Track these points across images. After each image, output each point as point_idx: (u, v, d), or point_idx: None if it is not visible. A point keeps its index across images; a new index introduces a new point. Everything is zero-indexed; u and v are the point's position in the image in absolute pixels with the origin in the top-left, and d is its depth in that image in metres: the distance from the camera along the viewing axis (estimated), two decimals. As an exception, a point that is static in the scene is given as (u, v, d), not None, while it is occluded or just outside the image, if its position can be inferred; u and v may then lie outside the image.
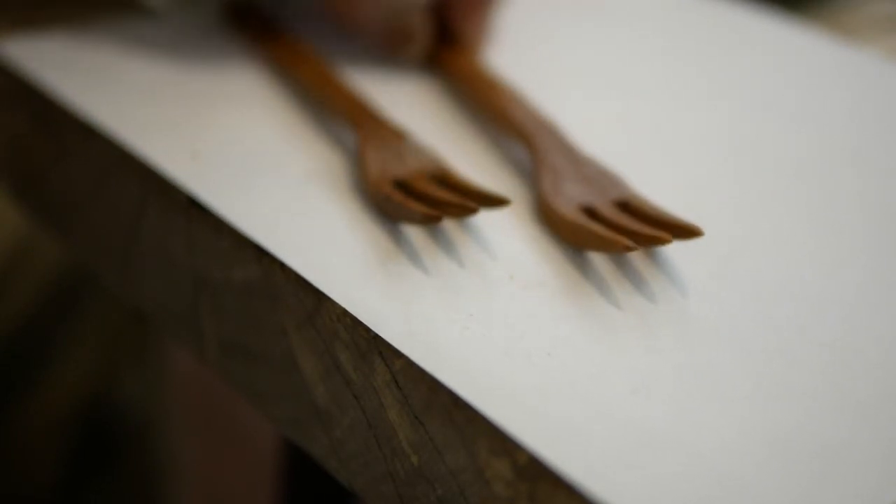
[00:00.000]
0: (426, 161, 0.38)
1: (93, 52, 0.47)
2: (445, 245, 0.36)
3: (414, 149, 0.39)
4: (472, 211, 0.34)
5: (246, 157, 0.41)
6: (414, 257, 0.35)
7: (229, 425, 0.72)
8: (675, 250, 0.36)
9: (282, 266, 0.35)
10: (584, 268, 0.35)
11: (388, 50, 0.48)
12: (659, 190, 0.39)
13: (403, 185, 0.37)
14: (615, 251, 0.34)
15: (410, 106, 0.45)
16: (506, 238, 0.37)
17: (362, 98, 0.43)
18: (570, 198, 0.37)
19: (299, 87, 0.46)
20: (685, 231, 0.35)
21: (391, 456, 0.32)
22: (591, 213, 0.37)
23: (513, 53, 0.49)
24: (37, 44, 0.48)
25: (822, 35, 0.54)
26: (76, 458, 0.84)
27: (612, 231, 0.35)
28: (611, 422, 0.29)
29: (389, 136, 0.40)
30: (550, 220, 0.37)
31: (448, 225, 0.37)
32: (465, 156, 0.42)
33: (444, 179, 0.37)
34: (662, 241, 0.35)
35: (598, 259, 0.36)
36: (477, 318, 0.33)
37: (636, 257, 0.36)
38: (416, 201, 0.35)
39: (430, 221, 0.34)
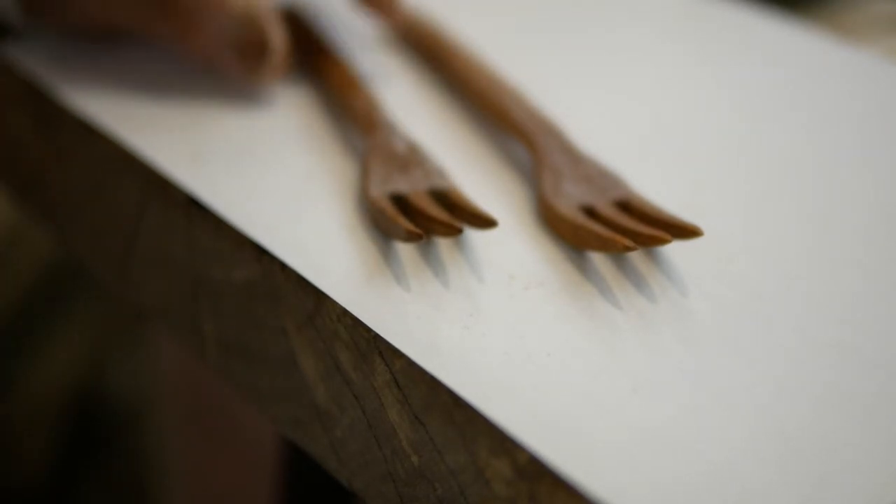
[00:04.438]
0: (430, 176, 0.38)
1: (93, 53, 0.47)
2: (446, 245, 0.36)
3: (420, 162, 0.39)
4: (457, 231, 0.35)
5: (247, 158, 0.41)
6: (414, 257, 0.35)
7: (221, 417, 0.73)
8: (675, 250, 0.36)
9: (282, 266, 0.35)
10: (584, 267, 0.35)
11: (242, 69, 0.43)
12: (659, 190, 0.39)
13: (401, 200, 0.37)
14: (615, 251, 0.34)
15: (412, 105, 0.45)
16: (506, 238, 0.37)
17: (380, 107, 0.43)
18: (570, 197, 0.37)
19: (323, 93, 0.45)
20: (685, 231, 0.35)
21: (391, 456, 0.32)
22: (591, 212, 0.37)
23: (513, 53, 0.49)
24: (37, 44, 0.48)
25: (822, 35, 0.54)
26: (66, 448, 0.84)
27: (612, 231, 0.35)
28: (611, 421, 0.29)
29: (399, 147, 0.40)
30: (551, 220, 0.37)
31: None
32: (466, 155, 0.42)
33: (444, 196, 0.37)
34: (662, 241, 0.35)
35: (598, 259, 0.36)
36: (477, 318, 0.33)
37: (636, 257, 0.36)
38: (405, 218, 0.35)
39: (412, 239, 0.34)
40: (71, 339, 0.84)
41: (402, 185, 0.38)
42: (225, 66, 0.44)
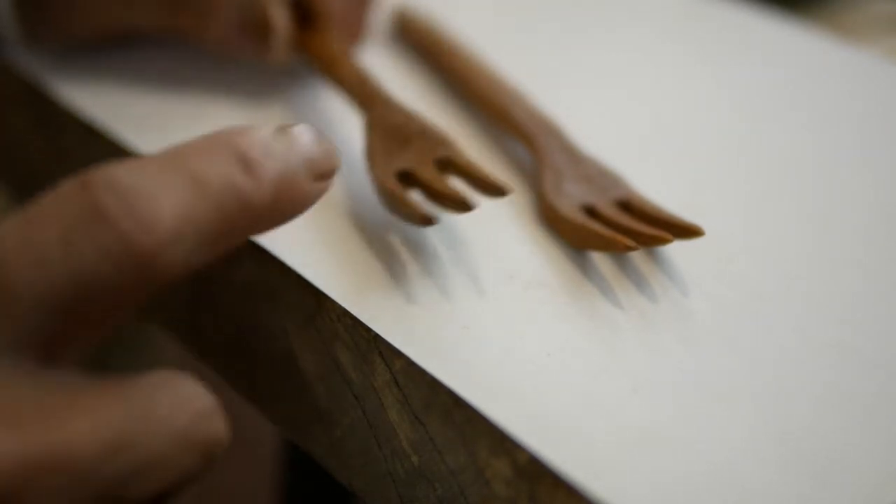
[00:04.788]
0: (433, 145, 0.38)
1: (93, 53, 0.47)
2: (446, 244, 0.36)
3: (421, 131, 0.38)
4: (469, 207, 0.34)
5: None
6: (414, 257, 0.35)
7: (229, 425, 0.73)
8: (676, 250, 0.36)
9: (282, 266, 0.35)
10: (584, 267, 0.35)
11: (248, 50, 0.45)
12: (659, 189, 0.39)
13: (408, 176, 0.37)
14: (616, 251, 0.34)
15: (412, 105, 0.45)
16: (506, 237, 0.37)
17: (372, 79, 0.42)
18: (571, 197, 0.37)
19: (316, 73, 0.45)
20: (686, 230, 0.35)
21: (391, 456, 0.32)
22: (592, 212, 0.37)
23: (514, 53, 0.49)
24: (37, 45, 0.48)
25: (822, 35, 0.54)
26: None
27: (613, 231, 0.35)
28: (611, 421, 0.29)
29: (398, 119, 0.39)
30: (551, 220, 0.37)
31: (448, 224, 0.37)
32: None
33: (451, 164, 0.36)
34: (663, 241, 0.35)
35: (599, 259, 0.36)
36: (477, 318, 0.33)
37: (637, 257, 0.36)
38: (414, 201, 0.35)
39: (427, 224, 0.34)
40: None
41: (407, 160, 0.37)
42: (235, 50, 0.45)
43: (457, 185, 0.36)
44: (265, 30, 0.44)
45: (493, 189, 0.35)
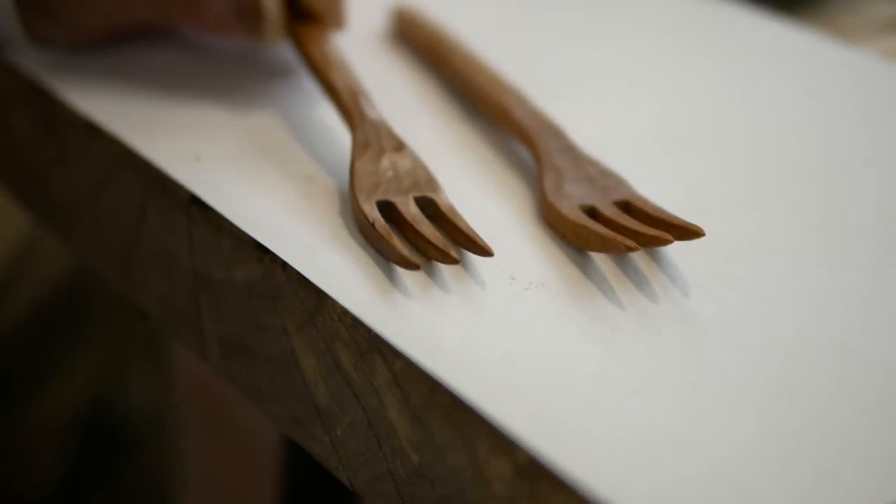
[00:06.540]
0: (417, 178, 0.38)
1: (94, 54, 0.47)
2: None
3: (408, 163, 0.38)
4: (454, 261, 0.34)
5: (248, 158, 0.41)
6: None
7: (233, 425, 0.73)
8: (676, 250, 0.36)
9: (283, 266, 0.35)
10: (585, 268, 0.35)
11: (242, 33, 0.46)
12: (660, 190, 0.39)
13: (389, 207, 0.36)
14: (617, 251, 0.34)
15: (413, 105, 0.45)
16: (508, 238, 0.37)
17: (364, 94, 0.42)
18: (572, 198, 0.37)
19: (320, 88, 0.45)
20: (686, 231, 0.35)
21: (391, 455, 0.32)
22: (592, 213, 0.37)
23: (514, 53, 0.49)
24: (39, 45, 0.48)
25: (821, 36, 0.54)
26: (82, 460, 0.84)
27: (614, 231, 0.35)
28: (611, 421, 0.29)
29: (387, 144, 0.39)
30: (552, 221, 0.37)
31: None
32: (467, 156, 0.42)
33: (432, 205, 0.37)
34: (664, 242, 0.35)
35: (599, 259, 0.36)
36: (478, 318, 0.33)
37: (638, 257, 0.36)
38: (398, 238, 0.34)
39: (408, 268, 0.34)
40: (88, 350, 0.84)
41: (390, 191, 0.37)
42: (231, 33, 0.46)
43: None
44: (257, 11, 0.45)
45: (477, 246, 0.35)
